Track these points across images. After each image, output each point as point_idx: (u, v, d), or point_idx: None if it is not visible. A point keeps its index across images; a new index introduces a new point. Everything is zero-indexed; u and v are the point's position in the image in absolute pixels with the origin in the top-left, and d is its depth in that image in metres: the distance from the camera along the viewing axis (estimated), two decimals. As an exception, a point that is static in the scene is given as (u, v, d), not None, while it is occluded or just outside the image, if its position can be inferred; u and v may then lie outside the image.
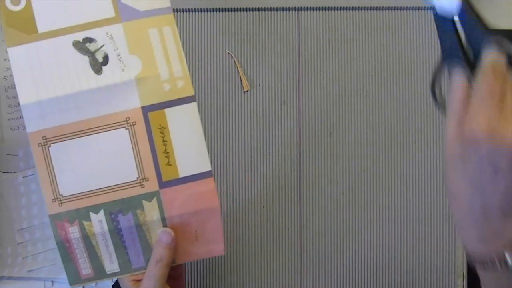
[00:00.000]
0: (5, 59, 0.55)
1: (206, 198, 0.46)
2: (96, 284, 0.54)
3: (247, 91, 0.57)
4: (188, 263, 0.56)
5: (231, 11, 0.57)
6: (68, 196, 0.45)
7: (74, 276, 0.46)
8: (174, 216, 0.46)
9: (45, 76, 0.45)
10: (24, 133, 0.55)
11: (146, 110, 0.46)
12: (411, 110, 0.57)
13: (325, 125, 0.56)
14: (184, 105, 0.46)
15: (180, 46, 0.46)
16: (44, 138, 0.45)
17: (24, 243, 0.53)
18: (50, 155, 0.45)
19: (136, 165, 0.46)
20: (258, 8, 0.57)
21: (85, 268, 0.46)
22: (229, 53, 0.57)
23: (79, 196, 0.45)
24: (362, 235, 0.56)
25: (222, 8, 0.57)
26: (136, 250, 0.46)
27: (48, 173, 0.45)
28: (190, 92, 0.46)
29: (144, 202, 0.46)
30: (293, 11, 0.57)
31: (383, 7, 0.57)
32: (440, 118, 0.57)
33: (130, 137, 0.46)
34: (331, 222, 0.56)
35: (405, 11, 0.57)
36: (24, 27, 0.45)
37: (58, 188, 0.45)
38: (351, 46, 0.57)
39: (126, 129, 0.46)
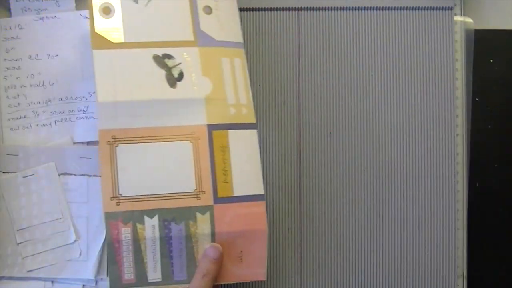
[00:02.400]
0: (5, 59, 0.55)
1: (255, 219, 0.48)
2: (96, 283, 0.54)
3: (247, 91, 0.57)
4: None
5: (231, 11, 0.57)
6: (126, 196, 0.46)
7: (116, 280, 0.46)
8: (223, 232, 0.47)
9: (124, 80, 0.48)
10: (24, 133, 0.55)
11: (211, 128, 0.49)
12: (411, 110, 0.57)
13: (325, 125, 0.56)
14: (246, 130, 0.50)
15: (248, 78, 0.51)
16: (113, 137, 0.47)
17: (24, 243, 0.53)
18: (116, 154, 0.47)
19: (195, 177, 0.48)
20: (258, 8, 0.57)
21: (128, 273, 0.46)
22: (229, 53, 0.57)
23: (137, 199, 0.47)
24: (361, 235, 0.56)
25: (222, 8, 0.57)
26: (181, 262, 0.47)
27: (111, 171, 0.47)
28: (252, 120, 0.50)
29: (198, 215, 0.47)
30: (293, 11, 0.57)
31: (383, 7, 0.57)
32: (440, 118, 0.56)
33: (193, 150, 0.48)
34: (331, 222, 0.56)
35: (405, 11, 0.57)
36: (111, 34, 0.49)
37: (118, 187, 0.46)
38: (351, 46, 0.57)
39: (191, 142, 0.48)
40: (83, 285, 0.54)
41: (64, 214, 0.54)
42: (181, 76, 0.49)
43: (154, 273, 0.47)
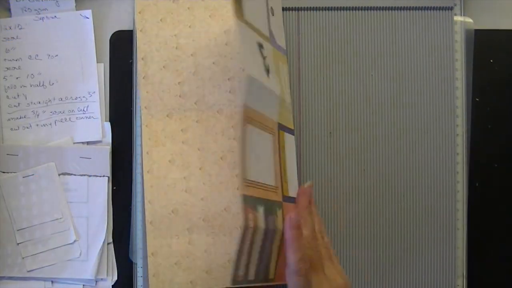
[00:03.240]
0: (5, 59, 0.55)
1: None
2: (96, 283, 0.54)
3: (247, 91, 0.57)
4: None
5: (231, 11, 0.57)
6: (250, 181, 0.41)
7: (236, 276, 0.42)
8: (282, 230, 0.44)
9: (247, 55, 0.43)
10: (24, 133, 0.55)
11: (278, 127, 0.48)
12: (411, 110, 0.57)
13: (325, 125, 0.56)
14: (290, 135, 0.50)
15: (289, 85, 0.52)
16: (246, 115, 0.41)
17: (24, 243, 0.53)
18: (247, 135, 0.41)
19: (274, 171, 0.45)
20: (258, 8, 0.57)
21: (241, 269, 0.42)
22: (229, 53, 0.57)
23: (255, 185, 0.42)
24: (361, 234, 0.56)
25: (222, 8, 0.57)
26: (265, 259, 0.43)
27: (245, 152, 0.41)
28: (292, 125, 0.51)
29: (278, 209, 0.44)
30: (293, 11, 0.57)
31: (383, 7, 0.57)
32: (440, 118, 0.57)
33: (273, 143, 0.45)
34: (331, 222, 0.56)
35: (405, 11, 0.57)
36: (237, 10, 0.42)
37: (247, 171, 0.41)
38: (351, 46, 0.57)
39: (272, 135, 0.46)
40: (83, 285, 0.54)
41: (64, 214, 0.54)
42: (268, 68, 0.46)
43: (252, 270, 0.42)
